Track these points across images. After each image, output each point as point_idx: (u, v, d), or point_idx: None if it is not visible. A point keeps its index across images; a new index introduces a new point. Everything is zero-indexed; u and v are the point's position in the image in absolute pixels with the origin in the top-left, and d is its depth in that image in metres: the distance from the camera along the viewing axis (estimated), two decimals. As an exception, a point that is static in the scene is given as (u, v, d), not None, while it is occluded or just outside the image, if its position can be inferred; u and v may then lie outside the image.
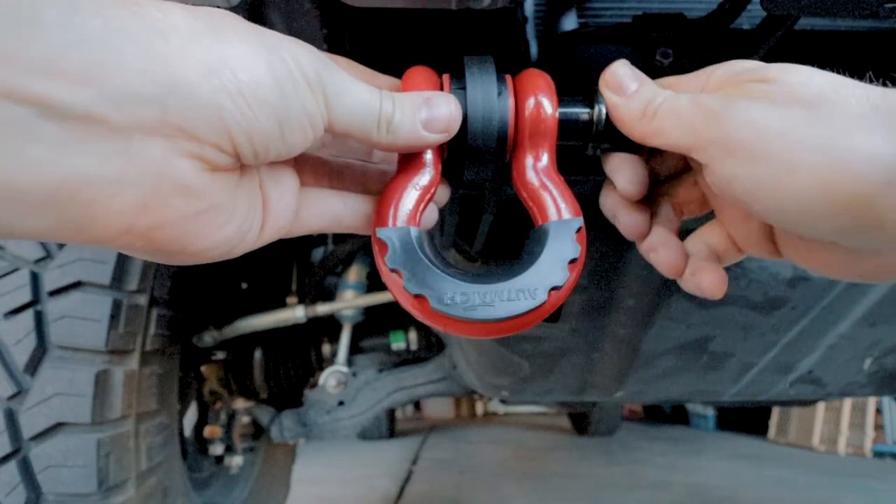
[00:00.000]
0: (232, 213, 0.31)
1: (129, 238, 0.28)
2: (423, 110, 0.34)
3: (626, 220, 0.39)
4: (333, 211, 0.37)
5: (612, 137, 0.38)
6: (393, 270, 0.33)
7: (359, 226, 0.38)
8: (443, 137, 0.34)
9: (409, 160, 0.36)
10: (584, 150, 0.39)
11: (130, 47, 0.25)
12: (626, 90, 0.36)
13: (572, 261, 0.34)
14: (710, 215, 0.41)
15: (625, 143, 0.38)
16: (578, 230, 0.35)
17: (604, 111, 0.37)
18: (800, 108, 0.29)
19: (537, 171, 0.37)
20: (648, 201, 0.41)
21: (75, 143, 0.24)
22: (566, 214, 0.35)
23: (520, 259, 0.35)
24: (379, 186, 0.39)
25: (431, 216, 0.38)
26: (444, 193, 0.39)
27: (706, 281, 0.38)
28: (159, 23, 0.26)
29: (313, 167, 0.38)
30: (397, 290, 0.33)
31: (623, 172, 0.39)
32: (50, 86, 0.23)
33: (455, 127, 0.35)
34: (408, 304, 0.33)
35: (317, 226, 0.37)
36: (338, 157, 0.40)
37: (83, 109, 0.24)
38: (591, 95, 0.38)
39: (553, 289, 0.33)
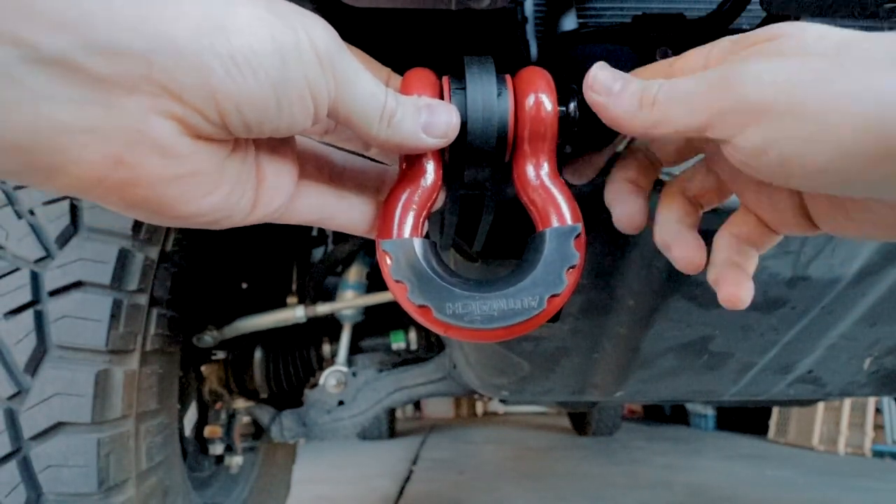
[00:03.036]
0: (217, 183, 0.30)
1: (103, 191, 0.27)
2: (423, 113, 0.34)
3: (618, 210, 0.39)
4: (328, 207, 0.37)
5: (584, 136, 0.38)
6: (398, 282, 0.34)
7: (350, 225, 0.38)
8: (440, 143, 0.34)
9: (410, 166, 0.36)
10: (562, 149, 0.39)
11: None
12: (612, 90, 0.34)
13: (571, 267, 0.34)
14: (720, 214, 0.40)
15: (595, 142, 0.38)
16: (577, 236, 0.35)
17: (574, 108, 0.37)
18: (819, 59, 0.27)
19: (538, 173, 0.37)
20: (655, 196, 0.40)
21: (52, 88, 0.24)
22: (566, 220, 0.36)
23: (519, 265, 0.36)
24: (376, 185, 0.39)
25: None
26: (442, 195, 0.39)
27: (723, 292, 0.36)
28: None
29: (316, 161, 0.38)
30: (402, 299, 0.34)
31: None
32: (31, 28, 0.23)
33: (453, 135, 0.34)
34: (412, 313, 0.34)
35: (308, 217, 0.37)
36: (338, 147, 0.40)
37: (62, 55, 0.23)
38: (567, 94, 0.38)
39: (552, 296, 0.34)
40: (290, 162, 0.35)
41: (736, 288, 0.36)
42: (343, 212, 0.37)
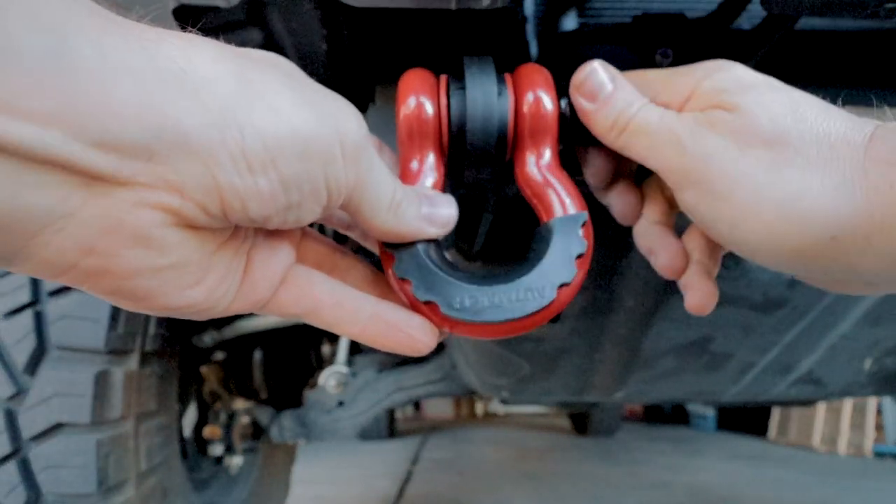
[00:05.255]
0: (203, 276, 0.27)
1: (73, 278, 0.24)
2: (425, 204, 0.33)
3: (662, 258, 0.39)
4: (316, 299, 0.32)
5: (577, 132, 0.38)
6: (402, 279, 0.33)
7: (335, 322, 0.32)
8: (440, 233, 0.33)
9: (411, 167, 0.36)
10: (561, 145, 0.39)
11: (125, 85, 0.21)
12: (598, 95, 0.35)
13: (580, 256, 0.33)
14: None
15: (588, 138, 0.38)
16: (584, 224, 0.34)
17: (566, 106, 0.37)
18: (761, 148, 0.30)
19: (540, 167, 0.36)
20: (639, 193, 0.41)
21: (36, 178, 0.21)
22: (571, 209, 0.35)
23: (526, 257, 0.35)
24: (375, 291, 0.35)
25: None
26: None
27: (691, 300, 0.39)
28: (173, 62, 0.23)
29: (316, 254, 0.35)
30: (408, 297, 0.33)
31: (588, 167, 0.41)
32: (13, 125, 0.20)
33: (452, 226, 0.34)
34: (420, 310, 0.33)
35: (291, 310, 0.32)
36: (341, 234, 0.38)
37: (50, 152, 0.20)
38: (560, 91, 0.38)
39: (562, 286, 0.32)
40: (286, 249, 0.32)
41: (703, 298, 0.39)
42: (331, 305, 0.32)
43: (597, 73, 0.35)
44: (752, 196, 0.30)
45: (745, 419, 4.53)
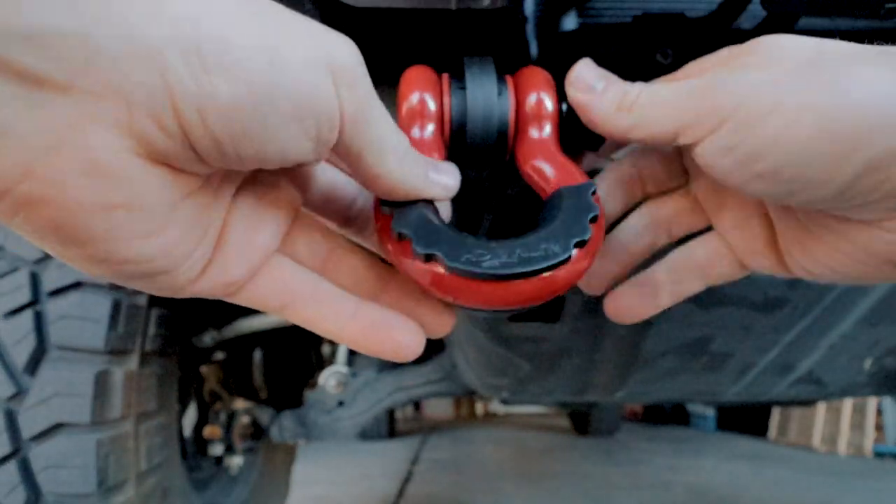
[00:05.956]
0: (163, 225, 0.23)
1: (4, 208, 0.20)
2: (431, 169, 0.30)
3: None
4: (296, 293, 0.29)
5: (577, 134, 0.37)
6: (400, 235, 0.28)
7: (315, 320, 0.30)
8: (442, 195, 0.31)
9: None
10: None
11: None
12: (595, 88, 0.34)
13: (594, 219, 0.30)
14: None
15: (591, 140, 0.38)
16: (594, 192, 0.32)
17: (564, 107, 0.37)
18: (794, 63, 0.27)
19: (543, 142, 0.36)
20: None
21: None
22: (580, 179, 0.33)
23: (537, 224, 0.32)
24: (369, 284, 0.33)
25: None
26: None
27: (614, 305, 0.39)
28: None
29: (308, 237, 0.31)
30: (406, 257, 0.28)
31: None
32: None
33: (453, 193, 0.32)
34: (418, 272, 0.28)
35: (267, 302, 0.29)
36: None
37: None
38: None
39: (578, 243, 0.29)
40: (272, 225, 0.29)
41: (622, 301, 0.38)
42: (313, 305, 0.30)
43: (591, 68, 0.35)
44: (796, 95, 0.26)
45: (745, 419, 4.53)
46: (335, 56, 0.23)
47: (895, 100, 0.24)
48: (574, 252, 0.28)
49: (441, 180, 0.31)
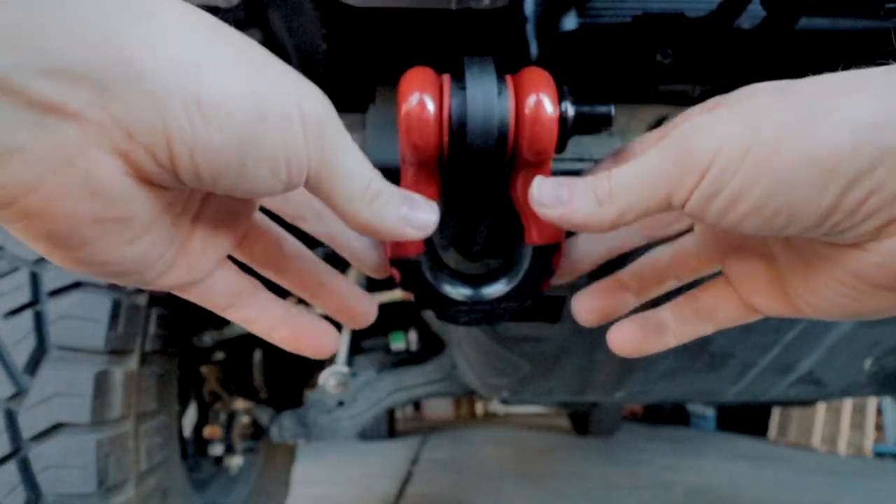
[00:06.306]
0: (143, 233, 0.26)
1: (7, 215, 0.23)
2: (405, 205, 0.31)
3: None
4: (237, 294, 0.33)
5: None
6: (407, 290, 0.39)
7: (248, 320, 0.34)
8: (418, 235, 0.32)
9: (410, 167, 0.36)
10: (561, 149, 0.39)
11: (86, 11, 0.21)
12: (563, 198, 0.32)
13: (545, 278, 0.40)
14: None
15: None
16: (556, 254, 0.39)
17: (571, 109, 0.38)
18: (765, 95, 0.28)
19: (527, 184, 0.37)
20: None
21: None
22: (548, 237, 0.39)
23: (505, 272, 0.41)
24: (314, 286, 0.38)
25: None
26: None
27: (616, 337, 0.40)
28: (143, 2, 0.23)
29: (264, 241, 0.35)
30: (412, 300, 0.40)
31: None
32: None
33: (430, 232, 0.33)
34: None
35: (213, 300, 0.33)
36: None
37: None
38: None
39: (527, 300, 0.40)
40: (230, 230, 0.32)
41: (622, 333, 0.39)
42: (249, 308, 0.34)
43: (547, 182, 0.33)
44: (766, 133, 0.26)
45: (745, 419, 4.53)
46: (306, 108, 0.26)
47: (874, 119, 0.24)
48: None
49: (417, 219, 0.32)
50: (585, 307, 0.40)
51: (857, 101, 0.25)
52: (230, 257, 0.34)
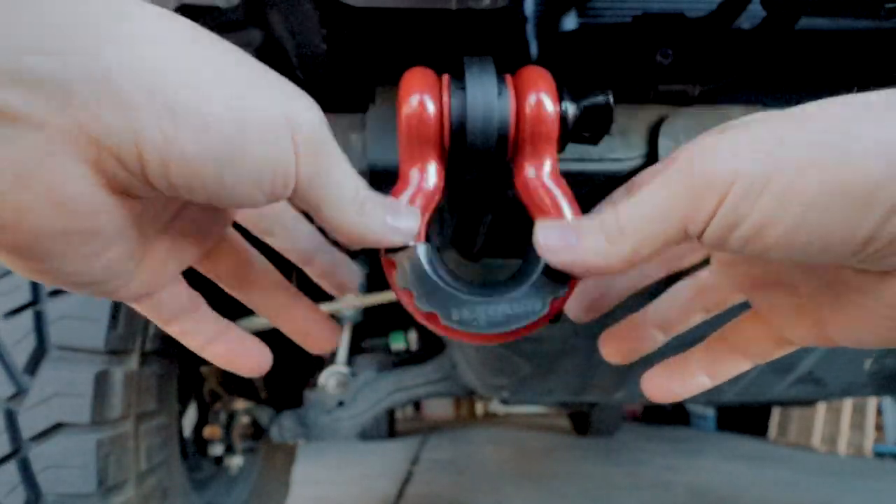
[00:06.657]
0: (110, 244, 0.25)
1: None
2: (388, 214, 0.31)
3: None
4: (179, 309, 0.33)
5: (577, 136, 0.38)
6: (404, 289, 0.34)
7: (183, 334, 0.34)
8: (401, 241, 0.32)
9: (411, 167, 0.36)
10: (561, 149, 0.39)
11: (55, 15, 0.20)
12: (571, 243, 0.30)
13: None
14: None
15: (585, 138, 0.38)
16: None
17: (573, 108, 0.37)
18: (781, 116, 0.26)
19: (539, 174, 0.36)
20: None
21: None
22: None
23: (522, 266, 0.36)
24: (283, 298, 0.38)
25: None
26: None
27: (648, 386, 0.38)
28: (117, 7, 0.21)
29: (233, 255, 0.35)
30: (410, 305, 0.34)
31: None
32: None
33: (410, 238, 0.33)
34: (420, 319, 0.34)
35: (158, 314, 0.32)
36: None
37: None
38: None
39: (554, 299, 0.34)
40: (198, 243, 0.31)
41: (655, 382, 0.38)
42: (193, 324, 0.34)
43: (552, 228, 0.32)
44: (789, 155, 0.24)
45: (745, 419, 4.53)
46: (296, 119, 0.25)
47: None
48: (549, 307, 0.33)
49: (399, 226, 0.32)
50: (612, 348, 0.40)
51: (883, 124, 0.24)
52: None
